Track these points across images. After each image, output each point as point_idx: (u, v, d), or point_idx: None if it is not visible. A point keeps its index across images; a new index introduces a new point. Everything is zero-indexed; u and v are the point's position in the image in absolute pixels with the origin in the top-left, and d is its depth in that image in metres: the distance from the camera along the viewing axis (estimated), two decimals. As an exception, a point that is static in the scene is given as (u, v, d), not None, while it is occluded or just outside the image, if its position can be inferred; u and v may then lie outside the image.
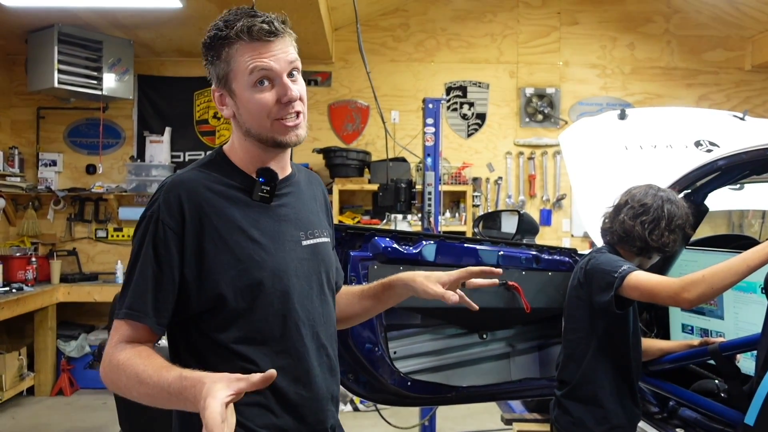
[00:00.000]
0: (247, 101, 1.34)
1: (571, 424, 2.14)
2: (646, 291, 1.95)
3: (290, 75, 1.35)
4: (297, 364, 1.35)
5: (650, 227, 2.10)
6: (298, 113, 1.35)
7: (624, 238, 2.15)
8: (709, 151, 3.18)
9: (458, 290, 1.49)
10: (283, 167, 1.44)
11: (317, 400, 1.40)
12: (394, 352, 2.47)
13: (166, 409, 1.26)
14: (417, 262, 2.38)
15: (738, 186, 3.15)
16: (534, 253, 2.71)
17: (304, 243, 1.42)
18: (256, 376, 1.09)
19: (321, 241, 1.47)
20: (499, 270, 1.46)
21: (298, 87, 1.35)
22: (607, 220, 2.24)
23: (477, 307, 1.51)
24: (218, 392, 1.06)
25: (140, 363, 1.22)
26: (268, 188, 1.38)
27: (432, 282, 1.46)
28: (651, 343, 2.44)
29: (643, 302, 2.64)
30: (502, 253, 2.62)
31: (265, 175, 1.38)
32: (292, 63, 1.34)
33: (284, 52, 1.33)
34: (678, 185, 2.50)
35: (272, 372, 1.10)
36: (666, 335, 2.71)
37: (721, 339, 2.31)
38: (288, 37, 1.35)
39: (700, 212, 2.52)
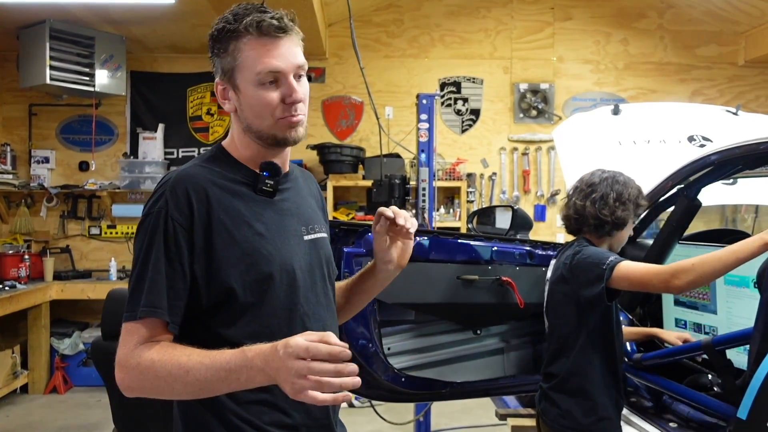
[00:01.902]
0: (251, 98, 1.33)
1: (559, 416, 2.15)
2: (636, 280, 1.96)
3: (296, 76, 1.35)
4: None
5: (600, 204, 2.16)
6: (299, 114, 1.36)
7: (578, 219, 2.21)
8: (702, 146, 3.18)
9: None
10: (283, 163, 1.44)
11: None
12: (388, 348, 2.47)
13: (162, 410, 1.24)
14: (410, 257, 2.37)
15: (731, 181, 3.15)
16: (528, 248, 2.72)
17: (306, 237, 1.43)
18: (337, 348, 1.12)
19: (321, 236, 1.49)
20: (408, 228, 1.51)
21: (302, 89, 1.35)
22: (563, 210, 2.29)
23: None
24: (298, 336, 1.11)
25: (181, 354, 1.20)
26: (272, 182, 1.38)
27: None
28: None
29: (638, 296, 2.64)
30: (495, 248, 2.63)
31: (269, 168, 1.38)
32: (300, 66, 1.35)
33: (292, 54, 1.34)
34: (671, 180, 2.51)
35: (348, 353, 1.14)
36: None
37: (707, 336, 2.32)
38: (295, 35, 1.36)
39: (693, 207, 2.53)
